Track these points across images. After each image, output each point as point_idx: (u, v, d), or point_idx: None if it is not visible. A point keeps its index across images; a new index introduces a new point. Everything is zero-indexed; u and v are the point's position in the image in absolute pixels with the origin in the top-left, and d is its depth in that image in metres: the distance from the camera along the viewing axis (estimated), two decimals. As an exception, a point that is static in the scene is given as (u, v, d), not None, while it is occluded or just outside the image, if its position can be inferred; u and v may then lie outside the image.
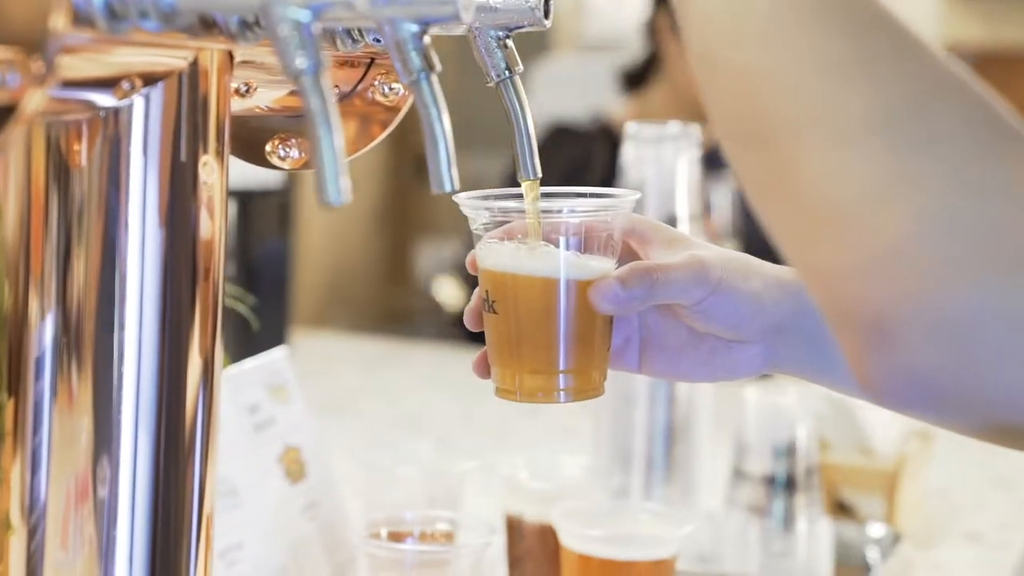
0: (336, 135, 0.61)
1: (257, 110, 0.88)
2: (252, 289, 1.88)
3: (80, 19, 0.60)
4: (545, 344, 0.82)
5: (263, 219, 1.98)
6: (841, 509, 1.52)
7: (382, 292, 4.59)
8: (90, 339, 0.70)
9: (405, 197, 4.63)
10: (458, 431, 1.91)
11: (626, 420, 1.39)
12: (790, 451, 1.34)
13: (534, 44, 4.25)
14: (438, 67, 0.70)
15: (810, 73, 0.61)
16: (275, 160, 0.88)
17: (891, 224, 0.57)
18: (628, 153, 1.37)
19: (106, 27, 0.62)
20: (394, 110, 0.90)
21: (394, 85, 0.88)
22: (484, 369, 0.85)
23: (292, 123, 0.88)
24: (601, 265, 0.83)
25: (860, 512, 1.51)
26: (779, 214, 0.62)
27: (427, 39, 0.69)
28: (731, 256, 0.83)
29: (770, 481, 1.34)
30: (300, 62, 0.61)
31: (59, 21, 0.59)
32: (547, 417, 1.91)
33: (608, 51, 3.76)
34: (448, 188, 0.69)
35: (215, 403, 0.75)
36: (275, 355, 1.23)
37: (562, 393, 0.83)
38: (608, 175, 2.05)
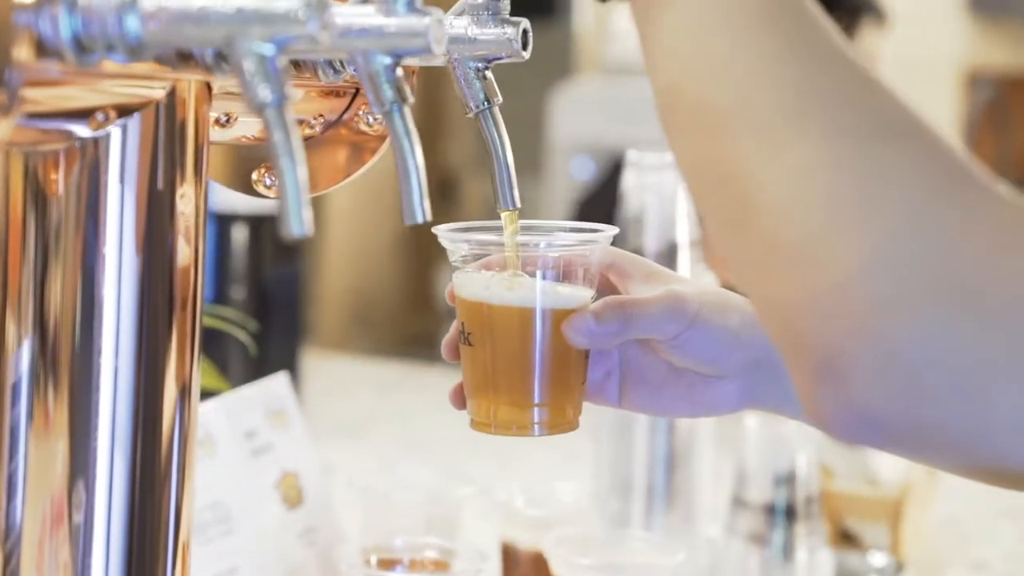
0: (300, 167, 0.61)
1: (243, 139, 0.88)
2: (263, 314, 1.88)
3: (47, 51, 0.61)
4: (520, 376, 0.82)
5: (275, 243, 1.98)
6: (845, 538, 1.51)
7: (403, 316, 4.60)
8: (66, 366, 0.71)
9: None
10: (465, 455, 1.91)
11: (626, 447, 1.39)
12: (790, 479, 1.33)
13: (557, 68, 4.26)
14: (411, 99, 0.70)
15: (768, 111, 0.61)
16: (261, 188, 0.89)
17: (841, 260, 0.57)
18: (629, 180, 1.37)
19: (75, 59, 0.62)
20: (381, 138, 0.90)
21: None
22: (460, 400, 0.85)
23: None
24: (578, 297, 0.83)
25: (865, 541, 1.50)
26: (735, 247, 0.62)
27: (400, 71, 0.70)
28: (709, 291, 0.82)
29: (770, 510, 1.33)
30: (264, 95, 0.61)
31: (22, 52, 0.59)
32: (556, 443, 1.90)
33: (631, 75, 3.75)
34: (420, 220, 0.70)
35: (192, 430, 0.75)
36: (276, 380, 1.23)
37: (536, 426, 0.83)
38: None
